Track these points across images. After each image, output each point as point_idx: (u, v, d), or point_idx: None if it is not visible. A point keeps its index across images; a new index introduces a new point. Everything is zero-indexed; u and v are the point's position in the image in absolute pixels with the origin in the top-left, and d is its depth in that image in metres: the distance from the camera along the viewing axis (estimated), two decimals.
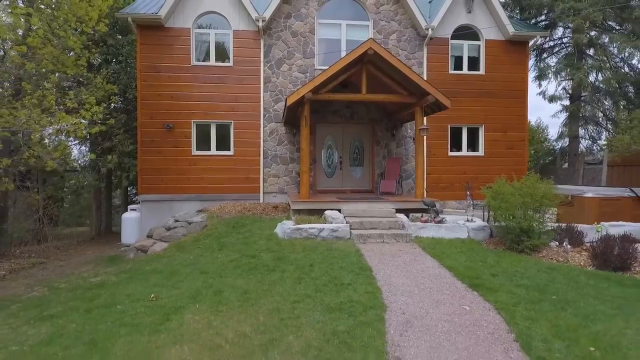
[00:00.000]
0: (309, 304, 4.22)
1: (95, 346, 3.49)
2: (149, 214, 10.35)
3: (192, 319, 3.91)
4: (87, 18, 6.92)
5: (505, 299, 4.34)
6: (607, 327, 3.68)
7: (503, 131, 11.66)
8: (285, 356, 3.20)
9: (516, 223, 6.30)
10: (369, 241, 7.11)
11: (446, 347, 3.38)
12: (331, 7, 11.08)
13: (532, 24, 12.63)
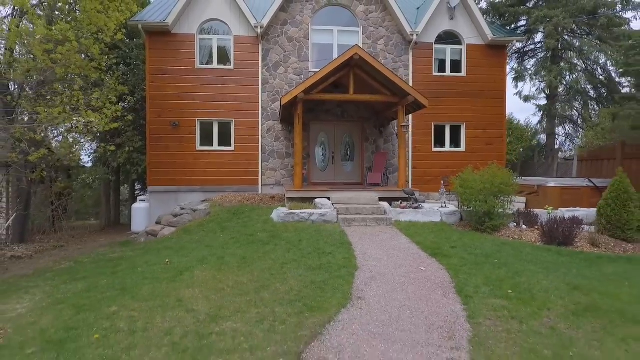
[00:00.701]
0: (295, 265, 5.19)
1: (125, 291, 4.46)
2: (157, 204, 11.33)
3: (200, 274, 4.88)
4: (106, 28, 7.91)
5: (456, 262, 5.30)
6: (528, 279, 4.64)
7: (483, 129, 12.61)
8: (272, 295, 4.18)
9: (479, 207, 7.26)
10: (354, 224, 8.07)
11: (398, 292, 4.35)
12: (324, 14, 12.05)
13: (512, 29, 13.57)
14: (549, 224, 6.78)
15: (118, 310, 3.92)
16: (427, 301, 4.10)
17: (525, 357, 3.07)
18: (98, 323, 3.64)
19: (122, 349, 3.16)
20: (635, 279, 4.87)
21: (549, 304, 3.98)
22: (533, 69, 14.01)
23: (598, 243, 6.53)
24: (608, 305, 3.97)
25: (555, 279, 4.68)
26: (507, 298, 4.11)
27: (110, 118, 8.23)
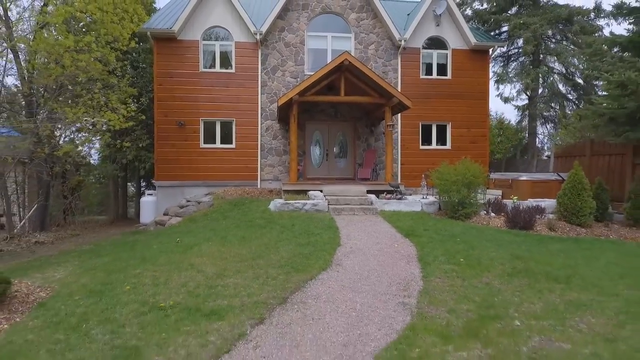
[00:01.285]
0: (287, 242, 6.11)
1: (145, 260, 5.39)
2: (163, 198, 12.25)
3: (206, 248, 5.81)
4: (121, 37, 8.84)
5: (424, 240, 6.21)
6: (481, 252, 5.55)
7: (467, 128, 13.51)
8: (266, 262, 5.10)
9: (453, 197, 8.17)
10: (343, 213, 8.98)
11: (371, 261, 5.26)
12: (319, 21, 12.98)
13: (496, 34, 14.47)
14: (512, 211, 7.70)
15: (142, 272, 4.85)
16: (393, 267, 5.02)
17: (458, 301, 3.98)
18: (127, 280, 4.58)
19: (149, 295, 4.09)
20: (572, 253, 5.78)
21: (491, 268, 4.89)
22: (513, 72, 14.96)
23: (555, 227, 7.44)
24: (539, 270, 4.88)
25: (504, 252, 5.59)
26: (458, 264, 5.03)
27: (125, 117, 9.17)
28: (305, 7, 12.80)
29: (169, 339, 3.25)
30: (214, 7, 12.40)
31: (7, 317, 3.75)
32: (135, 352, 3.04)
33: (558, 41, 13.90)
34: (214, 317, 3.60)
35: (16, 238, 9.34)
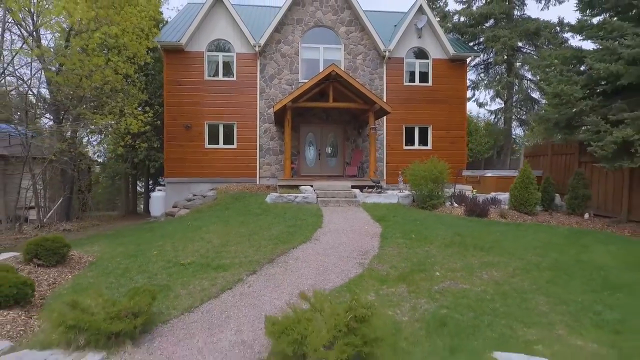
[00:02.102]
0: (278, 224, 7.51)
1: (165, 237, 6.81)
2: (172, 193, 13.67)
3: (213, 228, 7.22)
4: (139, 54, 10.29)
5: (390, 224, 7.60)
6: (431, 231, 6.94)
7: (447, 130, 14.88)
8: (260, 237, 6.50)
9: (423, 190, 9.55)
10: (329, 204, 10.36)
11: (342, 237, 6.66)
12: (312, 34, 14.38)
13: (474, 44, 15.84)
14: (471, 202, 9.07)
15: (163, 243, 6.26)
16: (359, 241, 6.41)
17: (400, 261, 5.37)
18: (153, 248, 5.99)
19: (171, 257, 5.49)
20: (507, 233, 7.16)
21: (434, 242, 6.28)
22: (487, 80, 16.34)
23: (506, 215, 8.81)
24: (471, 243, 6.27)
25: (450, 231, 6.97)
26: (410, 239, 6.42)
27: (143, 122, 10.63)
28: (300, 21, 14.21)
29: (189, 281, 4.66)
30: (218, 22, 13.83)
31: (70, 271, 5.17)
32: (167, 287, 4.44)
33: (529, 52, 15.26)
34: (220, 269, 5.00)
35: (46, 226, 10.77)
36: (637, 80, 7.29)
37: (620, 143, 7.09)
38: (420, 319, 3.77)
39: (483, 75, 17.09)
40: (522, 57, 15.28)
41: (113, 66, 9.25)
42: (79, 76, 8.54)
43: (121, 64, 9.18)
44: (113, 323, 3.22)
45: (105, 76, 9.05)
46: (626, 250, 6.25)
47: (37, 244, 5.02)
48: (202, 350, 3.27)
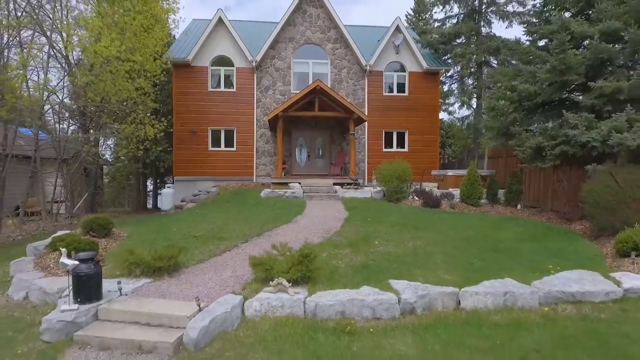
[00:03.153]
0: (268, 212, 9.52)
1: (179, 220, 8.85)
2: (180, 189, 15.69)
3: (216, 215, 9.24)
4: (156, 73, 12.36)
5: (356, 212, 9.59)
6: (386, 216, 8.93)
7: (421, 134, 16.87)
8: (253, 220, 8.52)
9: (390, 186, 11.54)
10: (313, 199, 12.35)
11: (315, 220, 8.66)
12: (302, 50, 16.40)
13: (447, 59, 17.83)
14: (427, 195, 11.07)
15: (179, 225, 8.30)
16: (327, 223, 8.41)
17: (352, 235, 7.37)
18: (172, 227, 8.02)
19: (187, 232, 7.52)
20: (446, 218, 9.15)
21: (383, 223, 8.29)
22: (456, 90, 18.38)
23: (455, 206, 10.79)
24: (412, 224, 8.27)
25: (400, 216, 8.98)
26: (366, 222, 8.43)
27: (158, 130, 12.72)
28: (292, 39, 16.24)
29: (200, 246, 6.68)
30: (220, 41, 15.87)
31: (114, 241, 7.20)
32: (186, 249, 6.42)
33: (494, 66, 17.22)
34: (222, 239, 7.02)
35: (75, 217, 12.80)
36: (549, 98, 9.28)
37: (535, 148, 9.06)
38: (352, 265, 5.78)
39: (455, 86, 19.14)
40: (486, 71, 17.27)
41: (136, 85, 11.33)
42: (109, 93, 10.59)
43: (142, 82, 11.25)
44: (156, 262, 5.24)
45: (130, 92, 11.13)
46: (528, 230, 8.25)
47: (91, 221, 7.05)
48: (211, 279, 5.28)
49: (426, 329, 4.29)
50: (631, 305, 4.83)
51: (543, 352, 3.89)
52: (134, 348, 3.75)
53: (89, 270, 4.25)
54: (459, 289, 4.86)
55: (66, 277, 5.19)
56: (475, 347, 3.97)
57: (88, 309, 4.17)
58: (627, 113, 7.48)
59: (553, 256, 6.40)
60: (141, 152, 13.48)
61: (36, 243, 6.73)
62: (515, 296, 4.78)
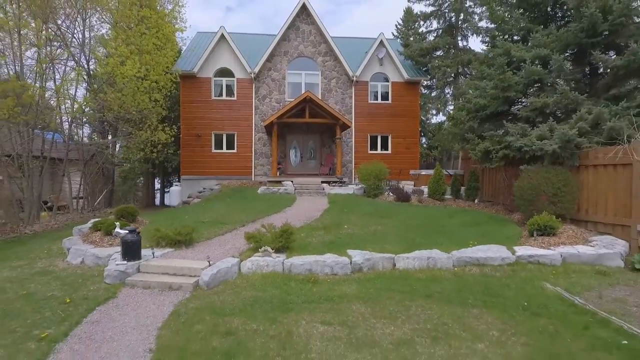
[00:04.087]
0: (262, 205, 11.42)
1: (188, 212, 10.76)
2: (186, 187, 17.60)
3: (219, 207, 11.14)
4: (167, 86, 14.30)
5: (336, 205, 11.47)
6: (359, 207, 10.81)
7: (403, 138, 18.74)
8: (249, 210, 10.41)
9: (369, 184, 13.41)
10: (303, 194, 14.25)
11: (301, 211, 10.55)
12: (296, 63, 18.29)
13: (427, 70, 19.72)
14: (399, 191, 12.94)
15: (190, 215, 10.21)
16: (310, 213, 10.29)
17: (328, 221, 9.25)
18: (185, 215, 9.93)
19: (196, 218, 9.41)
20: (410, 210, 11.01)
21: (355, 213, 10.16)
22: (433, 99, 20.31)
23: (422, 201, 12.66)
24: (379, 214, 10.14)
25: (371, 208, 10.85)
26: (342, 212, 10.31)
27: (170, 135, 14.66)
28: (286, 53, 18.13)
29: (207, 228, 8.57)
30: (222, 54, 17.78)
31: (140, 223, 9.10)
32: (197, 230, 8.31)
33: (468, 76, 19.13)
34: (224, 224, 8.92)
35: (96, 210, 14.72)
36: (496, 110, 11.14)
37: (484, 152, 10.92)
38: (322, 241, 7.66)
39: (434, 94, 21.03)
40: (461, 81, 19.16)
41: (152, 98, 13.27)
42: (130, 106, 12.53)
43: (157, 95, 13.20)
44: (177, 236, 7.14)
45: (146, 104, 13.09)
46: (473, 218, 10.12)
47: (122, 210, 8.95)
48: (216, 249, 7.17)
49: (368, 280, 6.17)
50: (519, 267, 6.69)
51: (443, 293, 5.74)
52: (166, 287, 5.64)
53: (134, 238, 6.14)
54: (395, 255, 6.74)
55: (110, 248, 7.13)
56: (399, 290, 5.83)
57: (133, 264, 6.06)
58: (550, 124, 9.34)
59: (481, 236, 8.26)
60: (155, 154, 15.37)
61: (79, 226, 8.66)
62: (435, 260, 6.65)
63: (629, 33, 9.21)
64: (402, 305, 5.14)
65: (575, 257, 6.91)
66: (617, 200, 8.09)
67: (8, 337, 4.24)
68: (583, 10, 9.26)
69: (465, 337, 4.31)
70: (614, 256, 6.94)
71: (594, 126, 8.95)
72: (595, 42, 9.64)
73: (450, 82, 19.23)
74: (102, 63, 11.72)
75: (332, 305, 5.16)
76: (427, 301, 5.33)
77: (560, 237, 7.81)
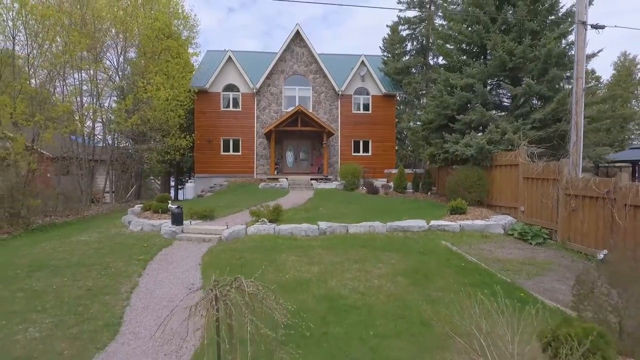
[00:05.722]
0: (262, 196, 14.92)
1: (204, 201, 14.30)
2: (199, 183, 21.11)
3: (230, 197, 14.67)
4: (186, 102, 17.88)
5: (319, 196, 14.96)
6: (335, 196, 14.30)
7: (382, 142, 22.20)
8: (252, 200, 13.91)
9: (348, 180, 16.89)
10: (295, 189, 17.73)
11: (292, 199, 14.05)
12: (291, 80, 21.79)
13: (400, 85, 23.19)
14: (369, 186, 16.42)
15: (208, 202, 13.74)
16: (298, 200, 13.76)
17: (309, 205, 12.74)
18: (203, 203, 13.44)
19: (211, 205, 12.89)
20: (373, 199, 14.49)
21: (332, 201, 13.65)
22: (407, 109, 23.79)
23: (388, 193, 16.11)
24: (348, 201, 13.62)
25: (345, 198, 14.33)
26: (322, 200, 13.80)
27: (189, 142, 18.23)
28: (283, 72, 21.65)
29: (223, 210, 12.07)
30: (229, 72, 21.31)
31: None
32: (216, 210, 11.83)
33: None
34: (234, 207, 12.44)
35: (128, 201, 18.26)
36: (440, 124, 14.58)
37: (430, 155, 14.36)
38: (302, 217, 11.15)
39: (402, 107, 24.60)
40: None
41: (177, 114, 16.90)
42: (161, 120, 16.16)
43: (181, 111, 16.84)
44: (204, 212, 10.67)
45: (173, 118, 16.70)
46: (418, 204, 13.56)
47: (161, 197, 12.45)
48: (231, 221, 10.65)
49: (328, 239, 9.63)
50: (430, 233, 10.12)
51: (374, 245, 9.17)
52: (201, 240, 9.13)
53: (179, 211, 9.65)
54: (348, 224, 10.22)
55: (158, 220, 10.65)
56: (346, 243, 9.26)
57: (179, 227, 9.56)
58: (472, 135, 12.77)
59: (415, 215, 11.69)
60: (177, 157, 18.94)
61: (132, 208, 12.19)
62: (375, 227, 10.11)
63: (528, 69, 12.64)
64: (344, 249, 8.61)
65: (470, 226, 10.35)
66: (512, 190, 11.55)
67: (121, 259, 7.74)
68: (495, 52, 12.71)
69: (374, 262, 7.74)
70: (496, 227, 10.38)
71: (502, 136, 12.40)
72: (505, 75, 13.11)
73: (422, 94, 22.68)
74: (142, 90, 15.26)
75: (303, 250, 8.62)
76: (361, 248, 8.77)
77: (468, 215, 11.27)
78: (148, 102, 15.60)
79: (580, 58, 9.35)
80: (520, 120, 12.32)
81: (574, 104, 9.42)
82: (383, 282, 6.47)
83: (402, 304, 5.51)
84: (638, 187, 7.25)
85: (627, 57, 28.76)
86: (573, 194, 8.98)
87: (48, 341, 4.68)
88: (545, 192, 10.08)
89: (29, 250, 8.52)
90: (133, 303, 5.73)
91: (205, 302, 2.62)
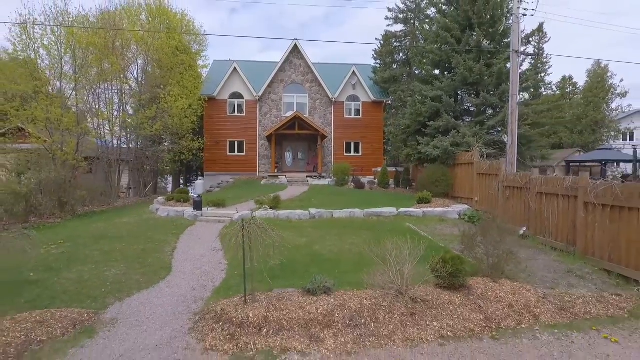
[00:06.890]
0: (265, 190, 17.48)
1: (216, 194, 16.88)
2: (208, 181, 23.68)
3: (237, 191, 17.25)
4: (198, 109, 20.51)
5: (313, 190, 17.54)
6: (326, 191, 16.87)
7: (371, 144, 24.76)
8: (254, 193, 16.49)
9: (338, 177, 19.45)
10: (293, 185, 20.28)
11: (290, 193, 16.62)
12: (289, 88, 24.38)
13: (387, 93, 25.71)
14: (355, 182, 18.99)
15: (217, 195, 16.32)
16: (294, 194, 16.32)
17: (304, 197, 15.30)
18: (212, 196, 16.03)
19: (220, 197, 15.48)
20: (358, 192, 17.06)
21: (323, 194, 16.21)
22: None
23: (373, 188, 18.66)
24: (337, 194, 16.20)
25: (334, 192, 16.89)
26: (315, 193, 16.35)
27: (200, 144, 20.84)
28: (282, 81, 24.25)
29: (230, 201, 14.65)
30: (234, 81, 23.91)
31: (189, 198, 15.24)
32: (225, 200, 14.40)
33: None
34: (240, 198, 15.02)
35: (146, 195, 20.86)
36: (415, 129, 17.13)
37: (405, 155, 16.90)
38: (297, 206, 13.69)
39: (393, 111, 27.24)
40: None
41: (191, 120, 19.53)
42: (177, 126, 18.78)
43: (194, 118, 19.47)
44: (218, 201, 13.27)
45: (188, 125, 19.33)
46: (396, 196, 16.10)
47: (181, 190, 15.03)
48: (239, 208, 13.19)
49: (317, 221, 12.19)
50: (398, 217, 12.66)
51: (353, 226, 11.77)
52: (217, 222, 11.70)
53: (199, 199, 12.23)
54: (333, 210, 12.78)
55: (182, 207, 13.24)
56: (330, 224, 11.84)
57: (199, 212, 12.14)
58: (439, 139, 15.32)
59: (389, 204, 14.23)
60: (190, 157, 21.56)
61: (157, 199, 14.77)
62: (354, 213, 12.66)
63: (485, 84, 15.20)
64: (328, 228, 11.17)
65: (431, 213, 12.90)
66: (469, 184, 14.11)
67: (159, 233, 10.30)
68: (458, 69, 15.27)
69: (349, 236, 10.26)
70: (452, 213, 12.93)
71: (462, 139, 14.95)
72: (467, 89, 15.68)
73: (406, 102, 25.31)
74: (163, 100, 17.87)
75: (296, 229, 11.18)
76: (342, 228, 11.33)
77: (432, 204, 13.82)
78: (167, 111, 18.19)
79: (514, 80, 11.91)
80: (478, 127, 14.88)
81: (510, 114, 11.98)
82: (352, 247, 9.04)
83: (359, 257, 8.08)
84: (542, 179, 9.80)
85: (600, 66, 31.26)
86: (507, 185, 11.53)
87: (127, 276, 7.25)
88: (490, 184, 12.63)
89: (86, 229, 11.11)
90: (176, 257, 8.31)
91: (237, 229, 5.20)
